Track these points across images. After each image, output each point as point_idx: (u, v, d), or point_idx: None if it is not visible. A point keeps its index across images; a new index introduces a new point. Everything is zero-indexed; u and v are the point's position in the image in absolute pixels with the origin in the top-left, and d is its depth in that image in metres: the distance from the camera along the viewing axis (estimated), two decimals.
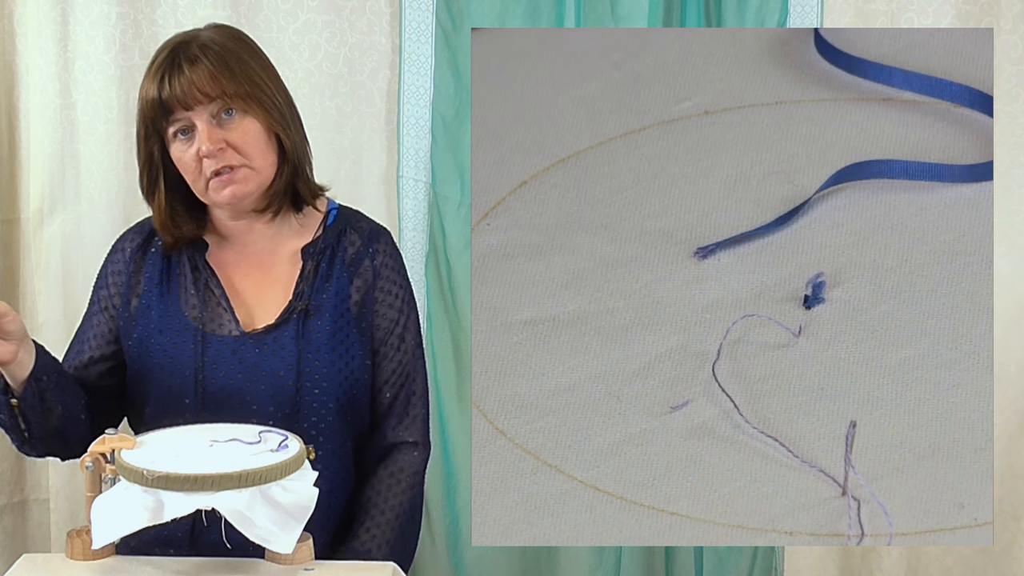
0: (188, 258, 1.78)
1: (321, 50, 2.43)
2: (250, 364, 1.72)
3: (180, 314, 1.75)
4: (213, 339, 1.73)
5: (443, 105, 2.46)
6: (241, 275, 1.79)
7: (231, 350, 1.72)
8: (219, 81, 1.69)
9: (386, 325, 1.80)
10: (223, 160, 1.69)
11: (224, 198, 1.72)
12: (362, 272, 1.79)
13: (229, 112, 1.70)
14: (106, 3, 2.39)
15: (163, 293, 1.77)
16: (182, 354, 1.73)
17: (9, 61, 2.43)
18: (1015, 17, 2.36)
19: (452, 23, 2.45)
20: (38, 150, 2.43)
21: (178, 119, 1.70)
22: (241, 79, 1.71)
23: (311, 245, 1.79)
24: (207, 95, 1.68)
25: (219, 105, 1.69)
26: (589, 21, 2.44)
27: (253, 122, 1.71)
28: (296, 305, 1.75)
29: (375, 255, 1.81)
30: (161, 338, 1.74)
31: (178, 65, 1.69)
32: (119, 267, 1.80)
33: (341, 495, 1.77)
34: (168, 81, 1.69)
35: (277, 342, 1.73)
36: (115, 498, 1.50)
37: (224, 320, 1.75)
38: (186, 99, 1.68)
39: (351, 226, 1.83)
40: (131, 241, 1.82)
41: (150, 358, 1.74)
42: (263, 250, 1.80)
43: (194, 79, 1.68)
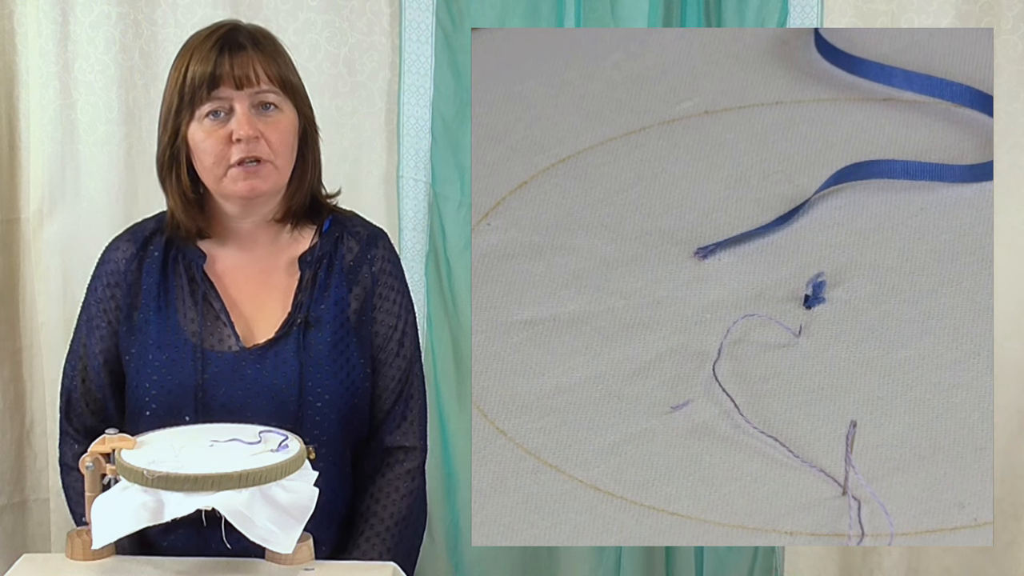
0: (185, 269, 1.75)
1: (321, 50, 2.43)
2: (251, 380, 1.70)
3: (178, 328, 1.72)
4: (213, 356, 1.71)
5: (443, 105, 2.45)
6: (239, 286, 1.76)
7: (231, 367, 1.70)
8: (277, 66, 1.71)
9: (385, 331, 1.79)
10: (254, 150, 1.68)
11: (240, 189, 1.70)
12: (360, 279, 1.77)
13: (267, 107, 1.70)
14: (106, 3, 2.39)
15: (160, 307, 1.74)
16: (181, 371, 1.70)
17: (9, 61, 2.43)
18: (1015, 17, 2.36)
19: (452, 23, 2.44)
20: (38, 150, 2.43)
21: (220, 97, 1.68)
22: (291, 74, 1.74)
23: (308, 253, 1.77)
24: (261, 78, 1.69)
25: (262, 97, 1.69)
26: (589, 21, 2.43)
27: (287, 120, 1.72)
28: (296, 318, 1.73)
29: (373, 261, 1.79)
30: (159, 354, 1.72)
31: (239, 43, 1.69)
32: (115, 278, 1.77)
33: (342, 503, 1.76)
34: (228, 57, 1.68)
35: (278, 356, 1.71)
36: (115, 498, 1.50)
37: (224, 335, 1.72)
38: (242, 77, 1.68)
39: (348, 231, 1.80)
40: (124, 251, 1.78)
41: (148, 375, 1.72)
42: (261, 258, 1.78)
43: (255, 58, 1.69)
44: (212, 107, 1.68)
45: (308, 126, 1.76)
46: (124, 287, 1.76)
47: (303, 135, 1.75)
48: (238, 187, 1.70)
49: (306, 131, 1.76)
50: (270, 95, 1.70)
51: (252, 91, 1.68)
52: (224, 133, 1.68)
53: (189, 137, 1.70)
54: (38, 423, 2.50)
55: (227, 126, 1.68)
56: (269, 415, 1.68)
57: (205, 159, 1.70)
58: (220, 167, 1.69)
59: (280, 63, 1.73)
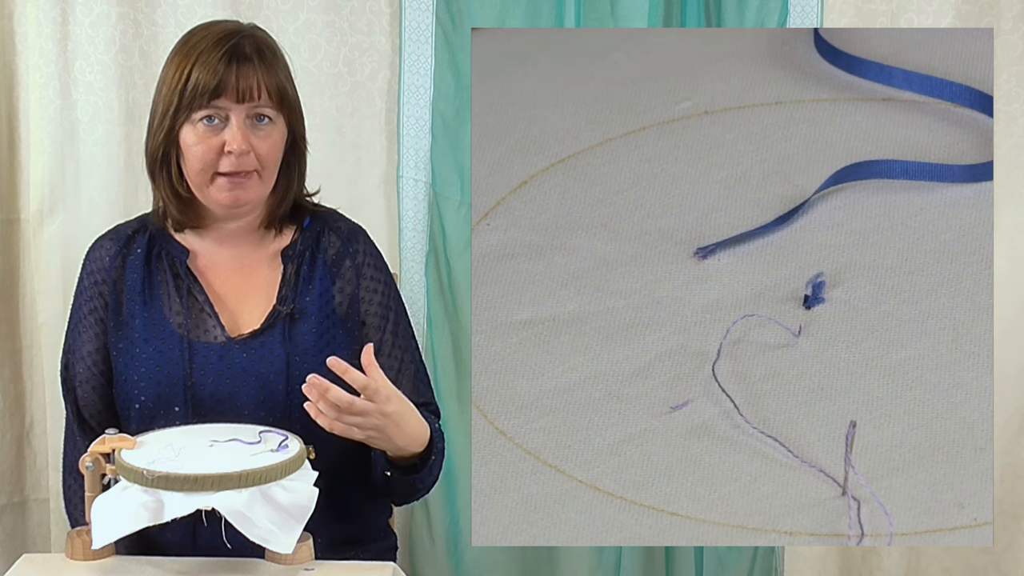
0: (169, 265, 1.78)
1: (321, 50, 2.43)
2: (238, 370, 1.72)
3: (164, 321, 1.74)
4: (199, 346, 1.73)
5: (443, 105, 2.45)
6: (222, 280, 1.79)
7: (218, 356, 1.72)
8: (278, 81, 1.72)
9: (377, 323, 1.81)
10: (244, 164, 1.70)
11: (225, 199, 1.72)
12: (344, 272, 1.80)
13: (262, 119, 1.71)
14: (106, 3, 2.39)
15: (146, 301, 1.76)
16: (168, 362, 1.72)
17: (9, 61, 2.43)
18: (1015, 17, 2.36)
19: (452, 23, 2.44)
20: (38, 150, 2.43)
21: (218, 106, 1.69)
22: (288, 86, 1.75)
23: (290, 247, 1.80)
24: (262, 92, 1.70)
25: (258, 110, 1.71)
26: (589, 21, 2.43)
27: (278, 133, 1.74)
28: (280, 310, 1.75)
29: (355, 255, 1.82)
30: (147, 347, 1.74)
31: (245, 55, 1.70)
32: (101, 276, 1.79)
33: (338, 497, 1.77)
34: (235, 68, 1.69)
35: (264, 347, 1.73)
36: (115, 498, 1.50)
37: (209, 326, 1.75)
38: (245, 90, 1.69)
39: (328, 227, 1.83)
40: (107, 249, 1.81)
41: (136, 368, 1.73)
42: (243, 253, 1.80)
43: (259, 72, 1.70)
44: (208, 113, 1.70)
45: (298, 139, 1.79)
46: (110, 283, 1.78)
47: (291, 147, 1.78)
48: (222, 197, 1.72)
49: (295, 143, 1.78)
50: (266, 109, 1.72)
51: (251, 105, 1.70)
52: (216, 142, 1.69)
53: (181, 137, 1.71)
54: (38, 423, 2.50)
55: (220, 135, 1.69)
56: (257, 404, 1.70)
57: (194, 164, 1.72)
58: (207, 174, 1.72)
59: (280, 76, 1.74)
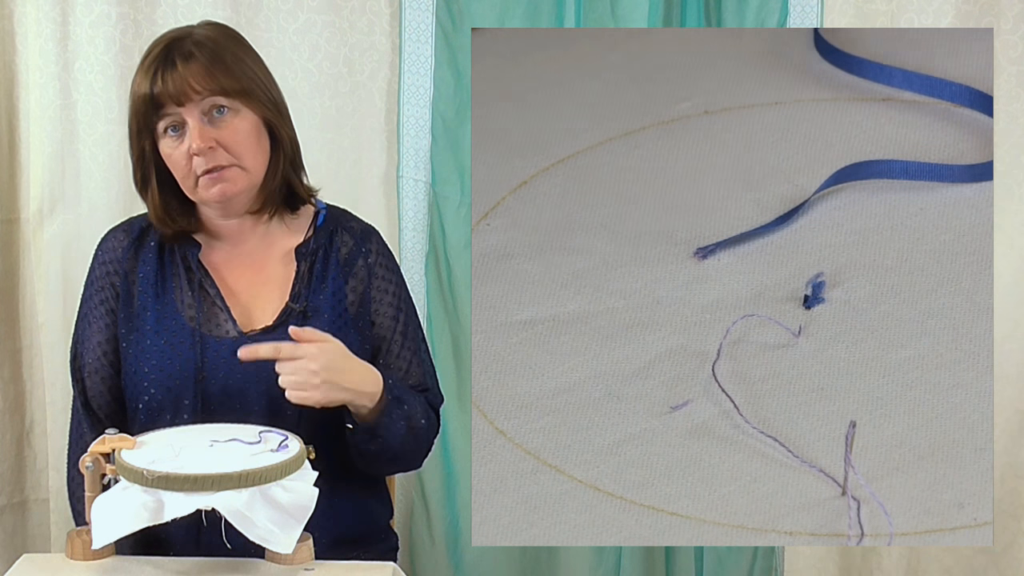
0: (181, 258, 1.78)
1: (321, 50, 2.43)
2: (249, 365, 1.71)
3: (176, 315, 1.75)
4: (211, 340, 1.73)
5: (443, 105, 2.45)
6: (235, 275, 1.79)
7: (230, 351, 1.72)
8: (213, 77, 1.69)
9: (388, 323, 1.81)
10: (213, 159, 1.70)
11: (213, 196, 1.72)
12: (356, 272, 1.80)
13: (220, 111, 1.70)
14: (106, 3, 2.39)
15: (158, 294, 1.76)
16: (180, 355, 1.72)
17: (9, 61, 2.43)
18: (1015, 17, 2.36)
19: (452, 23, 2.44)
20: (38, 150, 2.43)
21: (169, 115, 1.69)
22: (236, 75, 1.72)
23: (303, 245, 1.80)
24: (200, 91, 1.68)
25: (211, 103, 1.69)
26: (589, 21, 2.43)
27: (244, 121, 1.72)
28: (293, 307, 1.75)
29: (368, 254, 1.82)
30: (158, 339, 1.74)
31: (171, 61, 1.69)
32: (113, 266, 1.79)
33: (342, 496, 1.77)
34: (160, 76, 1.68)
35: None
36: (115, 498, 1.50)
37: (221, 320, 1.75)
38: (178, 95, 1.68)
39: (342, 226, 1.83)
40: (120, 240, 1.81)
41: (147, 360, 1.74)
42: (255, 250, 1.80)
43: (187, 74, 1.68)
44: (167, 123, 1.70)
45: (273, 118, 1.75)
46: (122, 274, 1.79)
47: (269, 127, 1.75)
48: (210, 194, 1.72)
49: (271, 123, 1.75)
50: (220, 99, 1.70)
51: (196, 103, 1.69)
52: (184, 148, 1.70)
53: (161, 152, 1.72)
54: (38, 423, 2.51)
55: (185, 141, 1.69)
56: (268, 401, 1.70)
57: (176, 173, 1.73)
58: (190, 179, 1.72)
59: (219, 70, 1.70)
